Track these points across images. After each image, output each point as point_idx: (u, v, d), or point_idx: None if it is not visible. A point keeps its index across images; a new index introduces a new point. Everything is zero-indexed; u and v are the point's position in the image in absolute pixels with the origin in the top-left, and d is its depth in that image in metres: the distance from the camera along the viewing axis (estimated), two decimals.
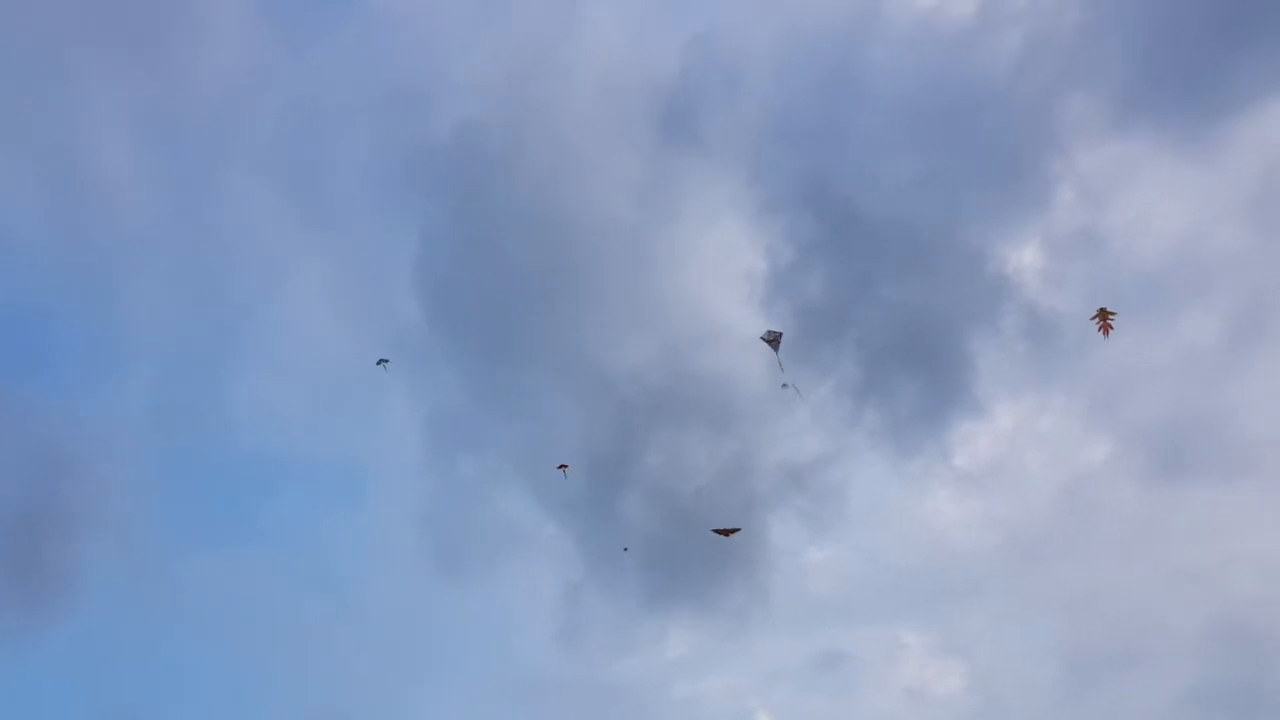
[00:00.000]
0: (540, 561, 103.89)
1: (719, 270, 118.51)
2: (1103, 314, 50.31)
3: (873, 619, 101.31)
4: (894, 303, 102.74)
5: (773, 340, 59.33)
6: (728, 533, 61.09)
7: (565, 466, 70.68)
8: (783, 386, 62.52)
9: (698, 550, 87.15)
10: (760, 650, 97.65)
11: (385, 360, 72.95)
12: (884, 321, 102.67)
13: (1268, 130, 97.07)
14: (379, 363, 72.68)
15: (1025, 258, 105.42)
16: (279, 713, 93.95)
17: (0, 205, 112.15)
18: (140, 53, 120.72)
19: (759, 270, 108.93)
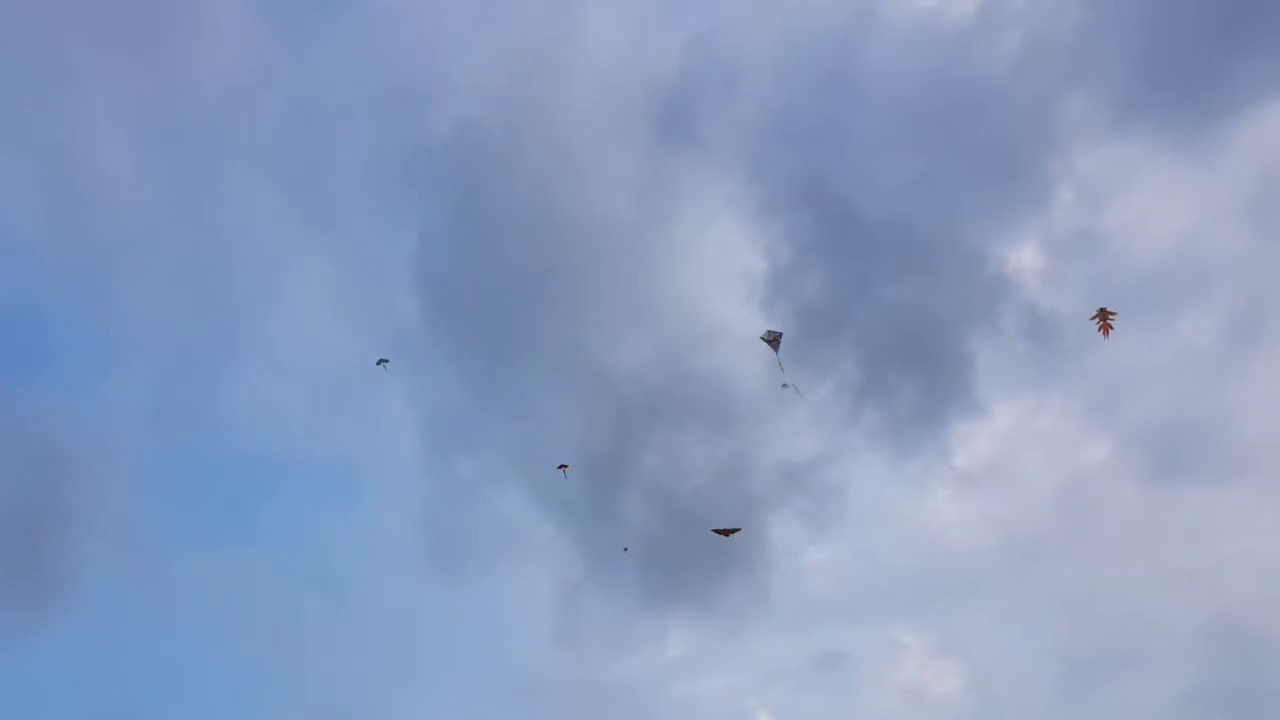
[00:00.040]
0: (538, 561, 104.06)
1: (718, 270, 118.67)
2: (1103, 314, 50.44)
3: (871, 619, 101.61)
4: (893, 303, 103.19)
5: (773, 340, 59.37)
6: (727, 533, 61.07)
7: (565, 466, 70.51)
8: (782, 386, 62.59)
9: (697, 550, 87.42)
10: (759, 650, 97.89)
11: (385, 360, 72.75)
12: (883, 321, 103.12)
13: (1266, 132, 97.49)
14: (379, 363, 72.44)
15: (1024, 258, 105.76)
16: (277, 712, 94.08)
17: (0, 205, 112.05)
18: (140, 53, 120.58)
19: (758, 270, 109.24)
